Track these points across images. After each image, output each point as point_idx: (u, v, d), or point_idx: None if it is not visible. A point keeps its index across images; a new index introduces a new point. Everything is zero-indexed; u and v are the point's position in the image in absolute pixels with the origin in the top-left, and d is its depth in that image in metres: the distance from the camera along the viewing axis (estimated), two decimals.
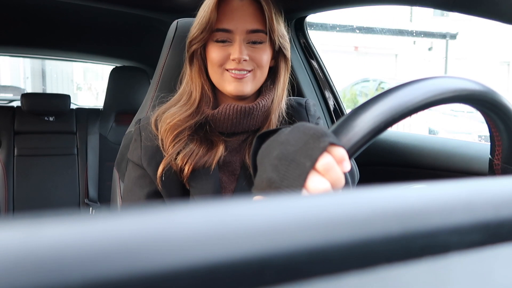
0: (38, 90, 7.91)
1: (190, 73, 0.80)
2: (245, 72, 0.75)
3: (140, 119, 0.83)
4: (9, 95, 3.14)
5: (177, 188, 0.76)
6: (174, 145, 0.75)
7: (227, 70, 0.76)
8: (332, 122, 1.35)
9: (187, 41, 0.80)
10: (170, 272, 0.16)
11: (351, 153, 0.39)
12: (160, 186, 0.75)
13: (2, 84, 6.97)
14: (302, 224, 0.19)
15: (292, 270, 0.18)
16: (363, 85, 7.74)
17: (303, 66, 1.34)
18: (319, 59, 1.36)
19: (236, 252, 0.17)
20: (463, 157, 1.06)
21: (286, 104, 0.84)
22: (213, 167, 0.75)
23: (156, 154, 0.76)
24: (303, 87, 1.31)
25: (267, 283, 0.17)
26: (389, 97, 0.39)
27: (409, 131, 5.12)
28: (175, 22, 0.98)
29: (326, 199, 0.22)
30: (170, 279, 0.16)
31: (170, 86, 0.93)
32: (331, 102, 1.36)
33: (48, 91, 7.77)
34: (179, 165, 0.74)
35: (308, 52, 1.36)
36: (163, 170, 0.74)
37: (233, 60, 0.74)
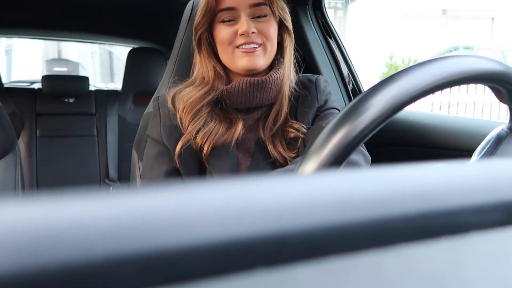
0: (106, 63, 7.90)
1: (200, 59, 0.81)
2: (256, 46, 0.76)
3: (158, 97, 0.84)
4: (63, 69, 3.12)
5: (195, 165, 0.78)
6: (193, 123, 0.76)
7: (237, 47, 0.76)
8: (349, 99, 1.33)
9: (193, 28, 0.80)
10: (188, 249, 0.16)
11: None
12: (178, 163, 0.76)
13: (70, 58, 6.92)
14: (321, 202, 0.19)
15: (309, 248, 0.18)
16: (453, 54, 7.28)
17: (321, 45, 1.32)
18: (338, 38, 1.34)
19: (254, 230, 0.17)
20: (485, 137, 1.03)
21: (296, 81, 0.84)
22: (232, 145, 0.77)
23: (175, 131, 0.78)
24: (321, 66, 1.29)
25: (285, 260, 0.17)
26: (364, 104, 0.33)
27: None
28: (190, 2, 0.97)
29: (345, 177, 0.22)
30: (188, 255, 0.16)
31: (187, 68, 0.93)
32: (349, 81, 1.34)
33: (115, 65, 7.80)
34: (199, 144, 0.76)
35: (326, 31, 1.34)
36: (181, 148, 0.76)
37: (241, 34, 0.75)
